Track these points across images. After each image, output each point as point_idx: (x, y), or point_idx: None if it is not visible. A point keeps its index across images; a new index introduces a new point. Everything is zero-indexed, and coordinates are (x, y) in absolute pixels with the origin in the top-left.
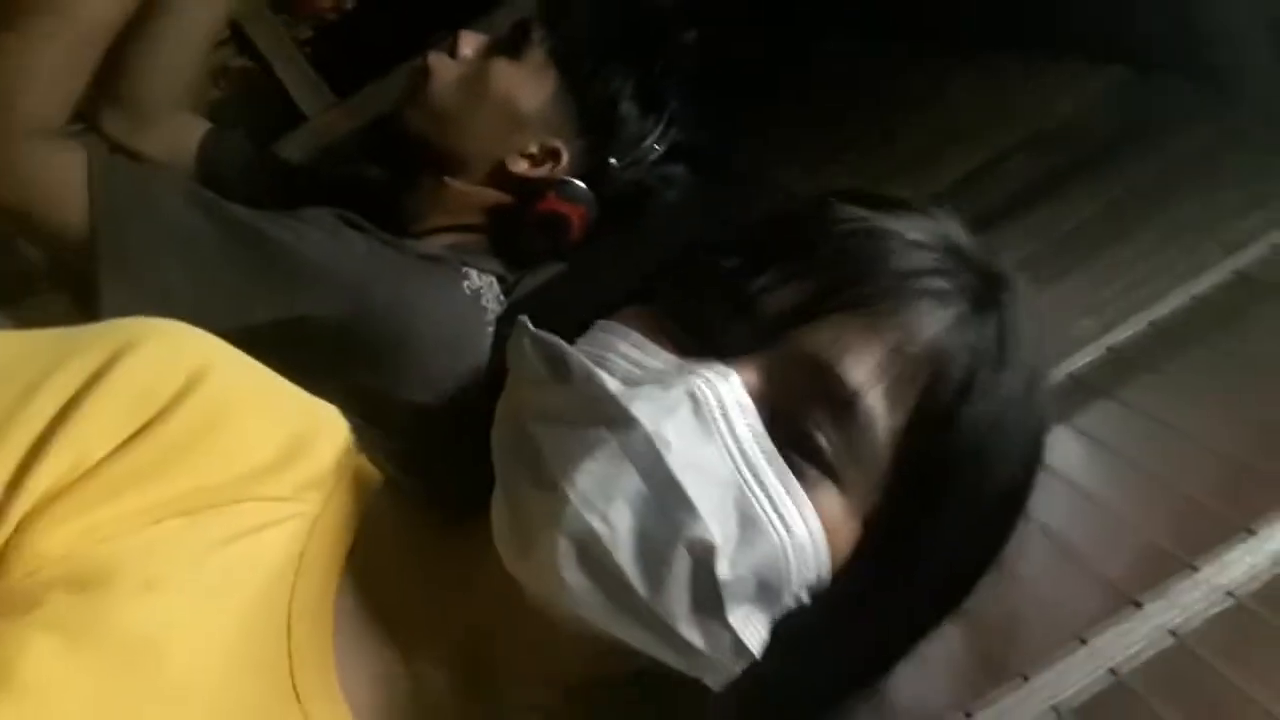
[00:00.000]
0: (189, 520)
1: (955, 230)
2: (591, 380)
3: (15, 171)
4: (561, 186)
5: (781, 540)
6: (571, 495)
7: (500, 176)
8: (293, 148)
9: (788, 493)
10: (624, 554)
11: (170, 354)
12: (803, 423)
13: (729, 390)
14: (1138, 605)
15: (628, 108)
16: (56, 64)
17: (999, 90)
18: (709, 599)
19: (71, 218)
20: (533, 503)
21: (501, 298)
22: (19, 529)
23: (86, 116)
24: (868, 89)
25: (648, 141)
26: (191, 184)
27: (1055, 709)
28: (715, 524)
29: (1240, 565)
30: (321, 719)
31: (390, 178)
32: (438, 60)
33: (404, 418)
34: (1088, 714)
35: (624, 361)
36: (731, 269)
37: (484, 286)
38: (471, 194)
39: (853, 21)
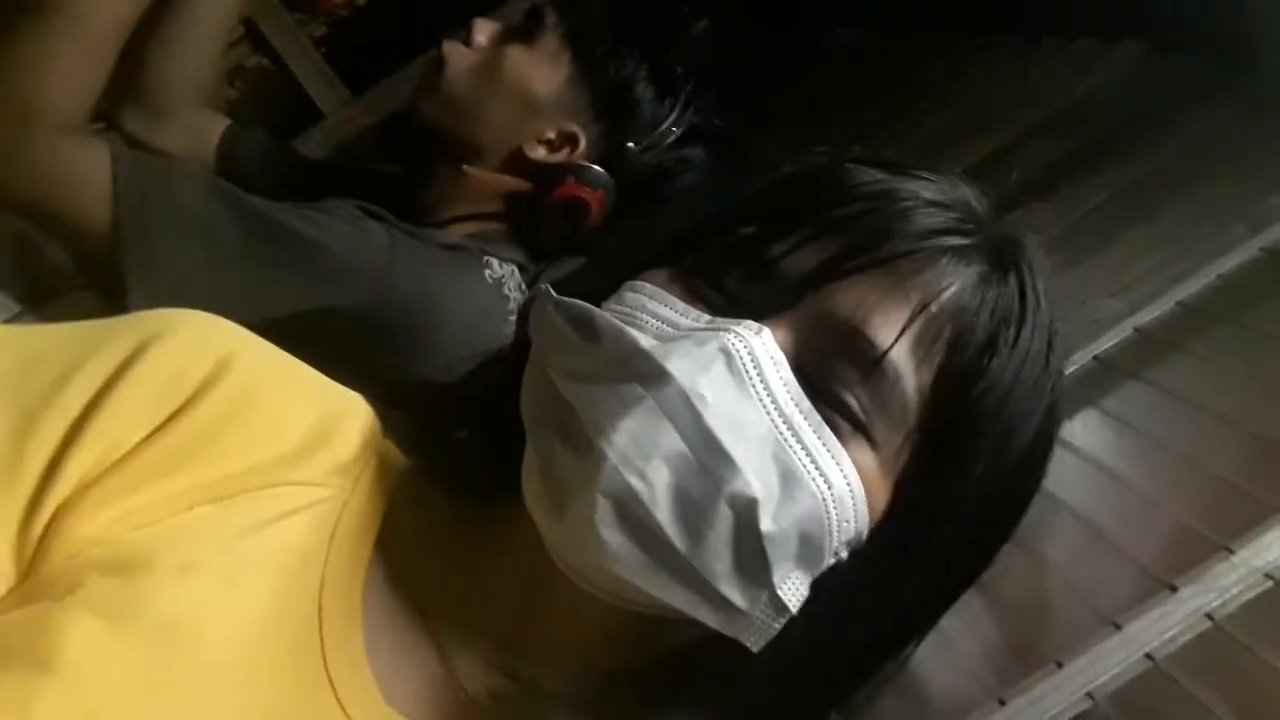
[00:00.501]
0: (221, 506)
1: (969, 193)
2: (623, 338)
3: (38, 166)
4: (580, 171)
5: (822, 494)
6: (609, 453)
7: (518, 163)
8: (311, 145)
9: (825, 447)
10: (663, 511)
11: (198, 342)
12: (831, 381)
13: (762, 345)
14: (1173, 589)
15: (643, 90)
16: (73, 60)
17: (1014, 75)
18: (752, 555)
19: (96, 212)
20: (568, 464)
21: (523, 286)
22: (56, 516)
23: (107, 115)
24: (879, 79)
25: (664, 125)
26: (213, 177)
27: (1091, 695)
28: (756, 479)
29: (1276, 547)
30: (352, 700)
31: (409, 169)
32: (452, 49)
33: (426, 403)
34: (1124, 700)
35: (654, 320)
36: (755, 232)
37: (505, 275)
38: (490, 182)
39: (863, 13)
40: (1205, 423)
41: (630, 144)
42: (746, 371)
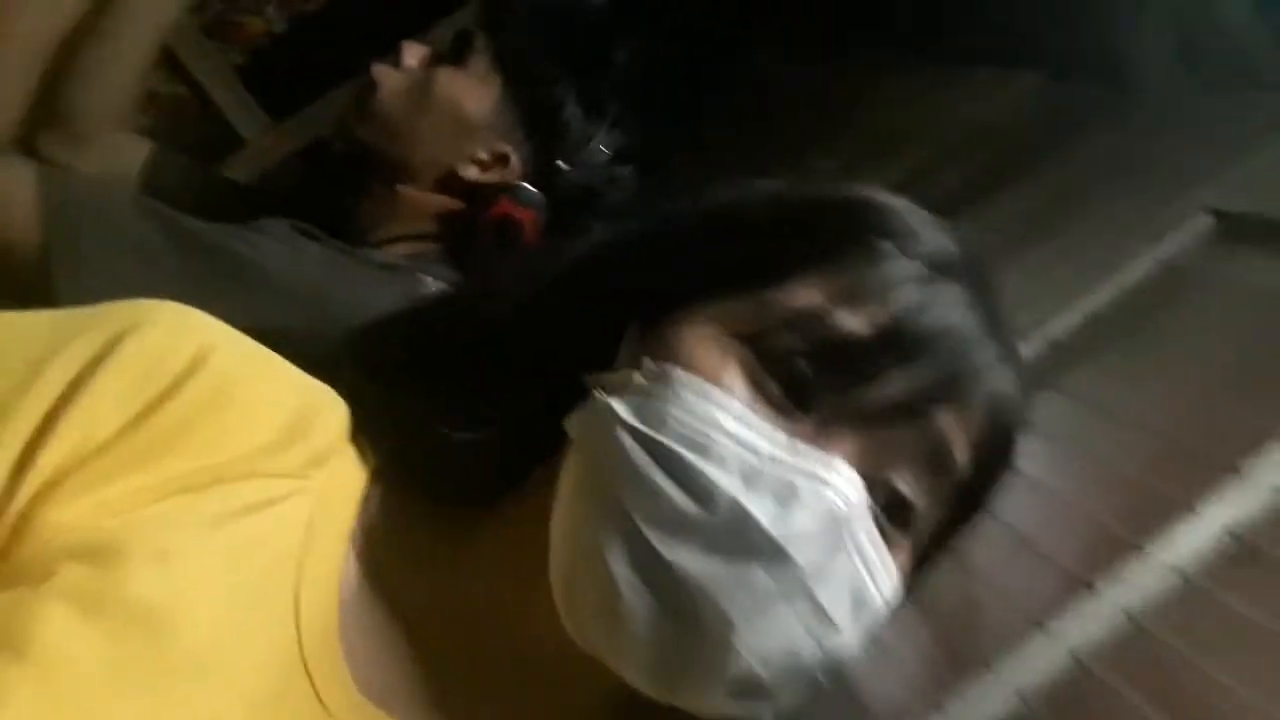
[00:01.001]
0: (196, 496)
1: (981, 264)
2: (737, 511)
3: None
4: (513, 191)
5: (879, 608)
6: (740, 648)
7: (451, 183)
8: (232, 172)
9: (883, 564)
10: (775, 679)
11: (174, 333)
12: (896, 487)
13: (855, 494)
14: (1090, 587)
15: (571, 111)
16: None
17: (918, 100)
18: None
19: (22, 232)
20: (683, 647)
21: None
22: (30, 504)
23: (24, 139)
24: (794, 103)
25: (593, 143)
26: (144, 197)
27: (1020, 694)
28: (847, 626)
29: (1185, 543)
30: (329, 691)
31: (340, 190)
32: (382, 71)
33: (380, 418)
34: (1053, 698)
35: (729, 442)
36: (852, 337)
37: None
38: (424, 202)
39: (777, 37)
40: (1116, 427)
41: (561, 163)
42: (846, 528)
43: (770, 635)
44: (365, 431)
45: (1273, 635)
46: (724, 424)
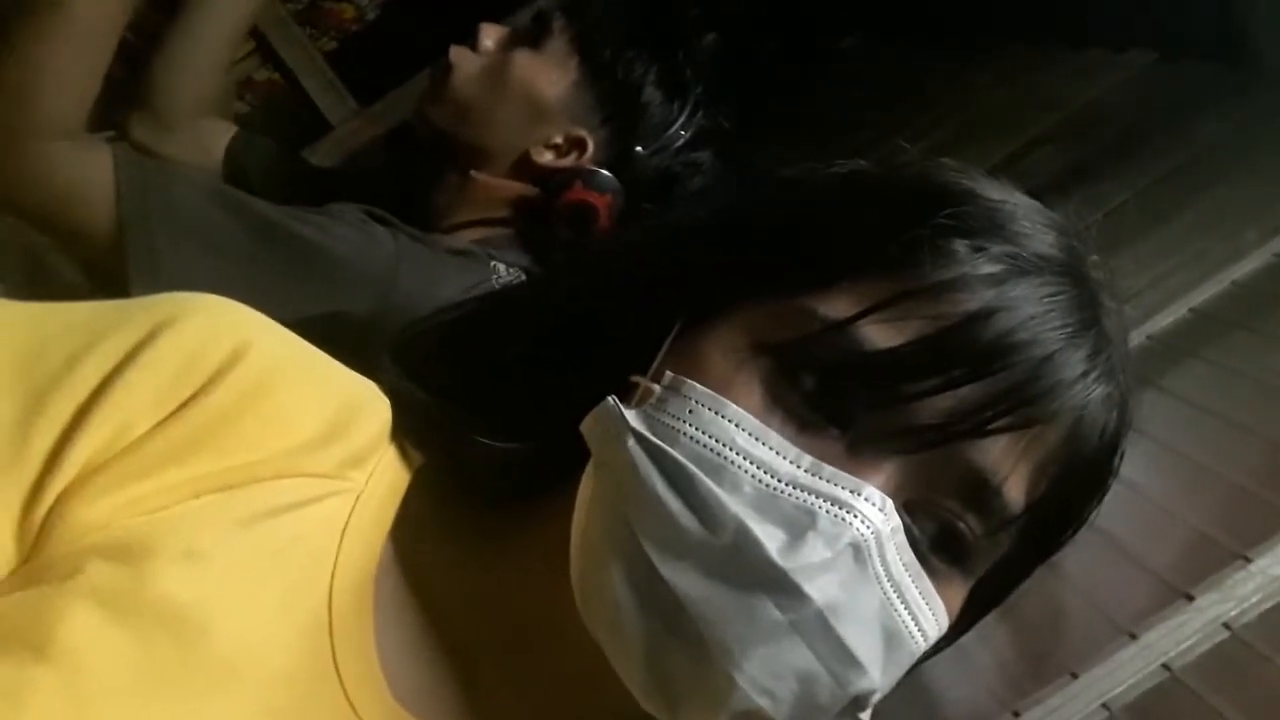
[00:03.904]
0: (229, 494)
1: (1082, 263)
2: (747, 538)
3: (35, 171)
4: (588, 176)
5: (917, 649)
6: (740, 681)
7: (525, 168)
8: (319, 156)
9: (924, 600)
10: (785, 712)
11: (214, 327)
12: (945, 515)
13: (885, 521)
14: (1189, 598)
15: (651, 94)
16: (65, 61)
17: (1023, 82)
18: (851, 711)
19: (98, 217)
20: (684, 671)
21: None
22: (60, 500)
23: (116, 124)
24: (888, 86)
25: (673, 128)
26: (216, 181)
27: (1106, 706)
28: (875, 666)
29: None
30: (361, 696)
31: (416, 174)
32: (459, 54)
33: (430, 407)
34: (1140, 711)
35: (748, 464)
36: (883, 358)
37: (513, 280)
38: (497, 187)
39: (873, 21)
40: (1221, 430)
41: (638, 148)
42: (870, 558)
43: (778, 671)
44: (406, 431)
45: None
46: (738, 441)
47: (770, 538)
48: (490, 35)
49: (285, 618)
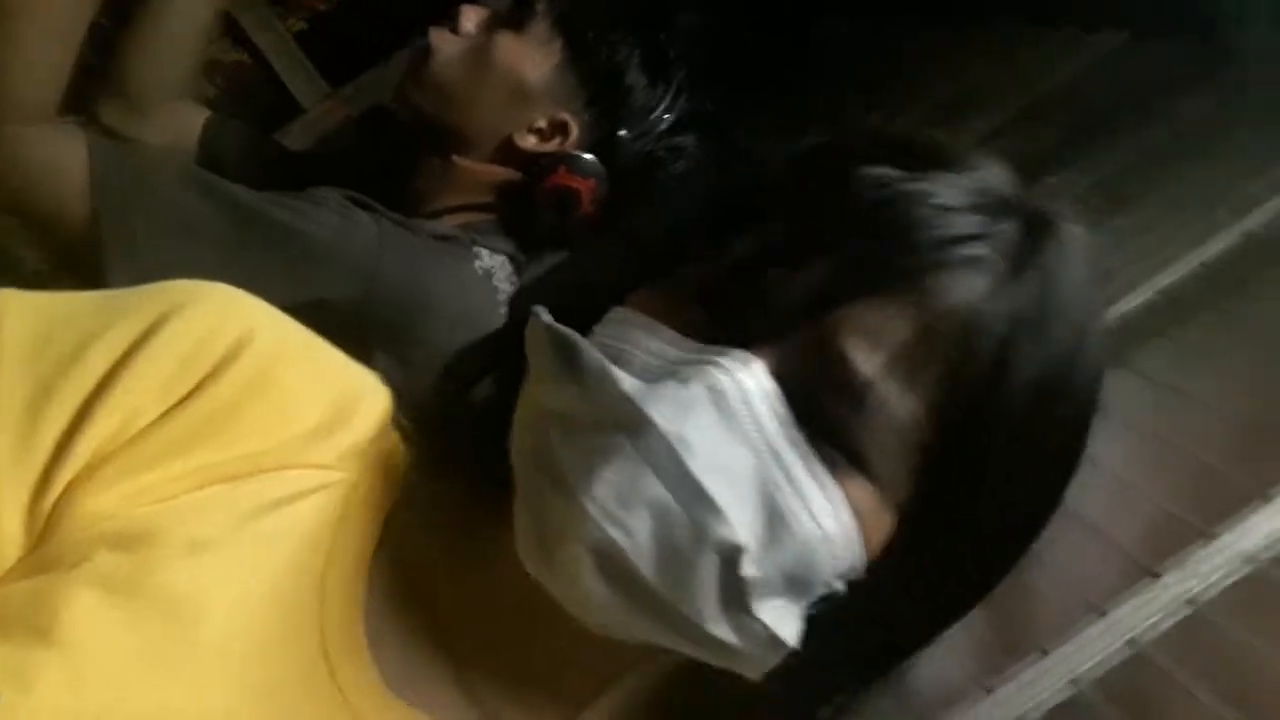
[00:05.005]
0: (234, 485)
1: (995, 177)
2: (605, 379)
3: (9, 157)
4: (571, 160)
5: (810, 535)
6: (590, 507)
7: (508, 153)
8: (290, 138)
9: (817, 484)
10: (646, 561)
11: (218, 317)
12: (825, 412)
13: (751, 378)
14: (1155, 575)
15: (635, 77)
16: (35, 46)
17: (995, 61)
18: (737, 597)
19: (72, 203)
20: (552, 510)
21: (514, 277)
22: (68, 489)
23: (86, 109)
24: (866, 67)
25: (657, 112)
26: (194, 166)
27: (1075, 682)
28: (742, 524)
29: (1258, 531)
30: (350, 683)
31: (396, 158)
32: (440, 36)
33: (419, 396)
34: (1108, 686)
35: (641, 353)
36: (751, 247)
37: (495, 266)
38: (480, 172)
39: (851, 1)
40: (1189, 409)
41: (622, 132)
42: (735, 409)
43: (627, 499)
44: (404, 420)
45: None
46: (635, 335)
47: (626, 380)
48: (471, 17)
49: (280, 607)
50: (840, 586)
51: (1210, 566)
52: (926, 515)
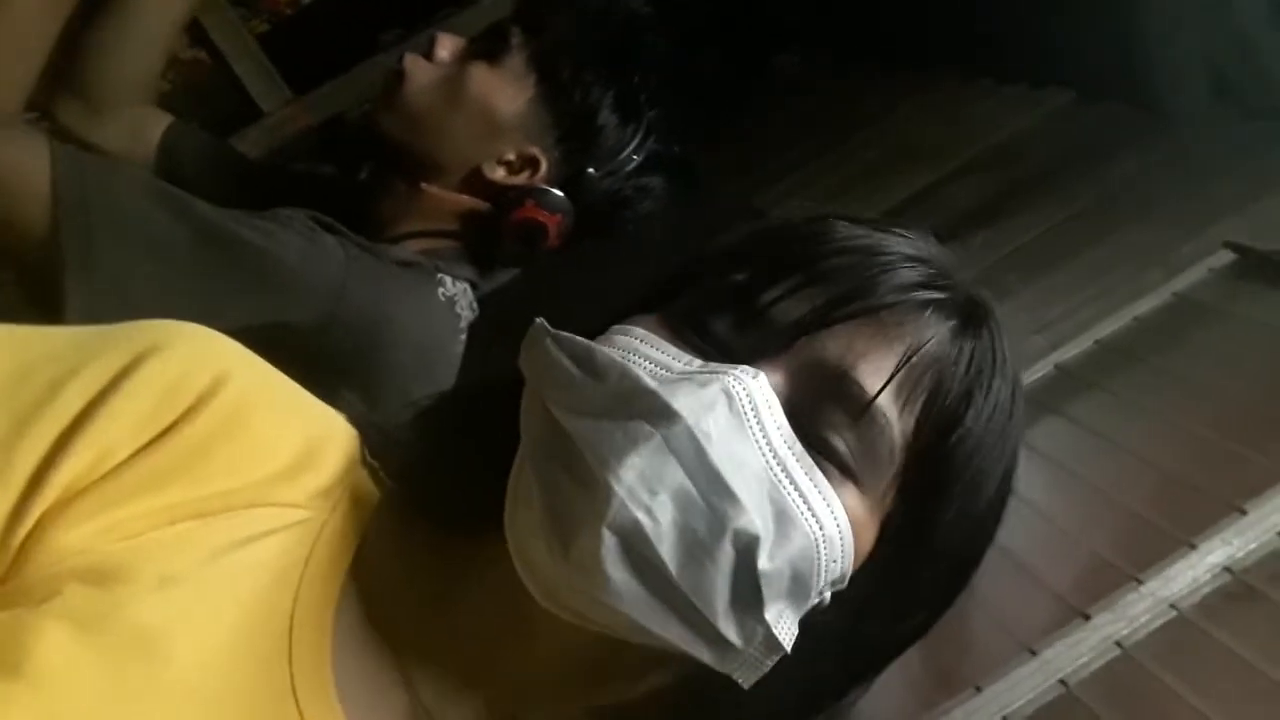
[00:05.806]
0: (204, 522)
1: (941, 251)
2: (627, 375)
3: None
4: (539, 195)
5: (814, 534)
6: (617, 488)
7: (476, 183)
8: (248, 143)
9: (817, 488)
10: (667, 547)
11: (194, 358)
12: (822, 425)
13: (759, 389)
14: (1086, 617)
15: (607, 116)
16: (1, 51)
17: (948, 111)
18: (748, 592)
19: (32, 210)
20: (573, 500)
21: (475, 305)
22: (40, 523)
23: (43, 106)
24: (820, 109)
25: (626, 151)
26: (159, 181)
27: (1006, 718)
28: (758, 516)
29: (1183, 578)
30: (316, 717)
31: (364, 180)
32: (414, 62)
33: (389, 435)
34: None
35: (648, 363)
36: (744, 279)
37: (458, 294)
38: (447, 199)
39: (807, 39)
40: (1120, 457)
41: (591, 170)
42: (745, 414)
43: (653, 484)
44: (371, 459)
45: (1260, 674)
46: (640, 348)
47: (646, 372)
48: (446, 46)
49: (248, 641)
50: (828, 596)
51: (1137, 610)
52: (903, 533)
